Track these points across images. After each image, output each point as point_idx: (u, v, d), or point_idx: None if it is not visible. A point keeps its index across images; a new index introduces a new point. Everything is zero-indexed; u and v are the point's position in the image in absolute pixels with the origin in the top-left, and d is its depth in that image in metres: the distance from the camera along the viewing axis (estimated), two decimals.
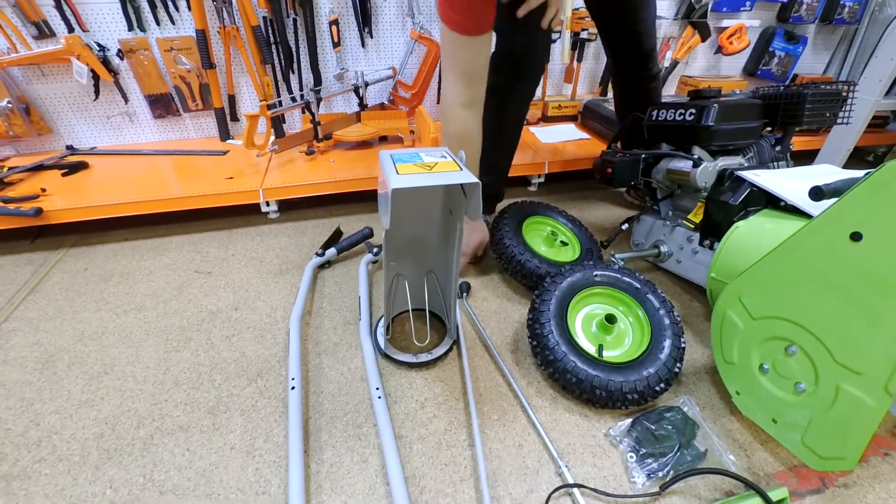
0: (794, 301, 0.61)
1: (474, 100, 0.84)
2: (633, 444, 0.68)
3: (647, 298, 0.81)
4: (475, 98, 0.84)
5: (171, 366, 0.84)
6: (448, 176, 0.45)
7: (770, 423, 0.67)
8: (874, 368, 0.53)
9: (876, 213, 0.51)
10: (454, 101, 0.83)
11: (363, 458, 0.68)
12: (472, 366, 0.83)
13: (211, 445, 0.70)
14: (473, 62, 0.80)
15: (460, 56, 0.79)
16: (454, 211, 0.62)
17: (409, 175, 0.45)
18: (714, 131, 0.88)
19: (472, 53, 0.79)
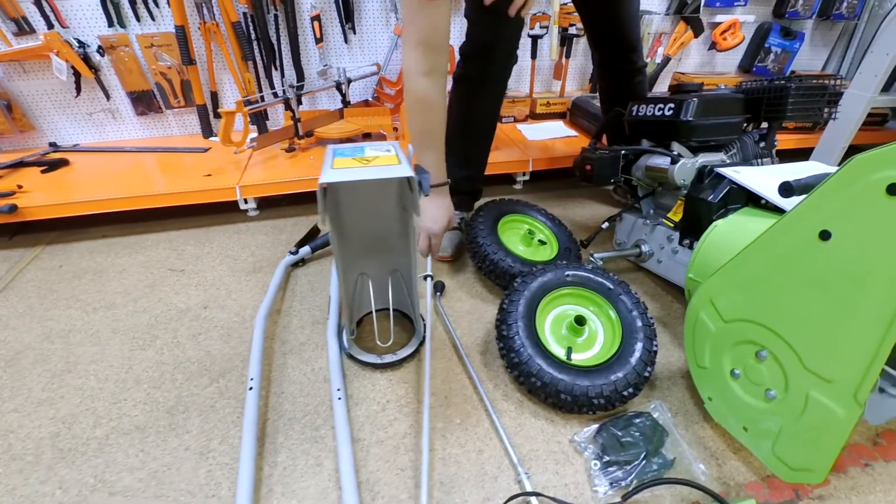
0: (764, 304, 0.58)
1: (434, 67, 0.81)
2: (597, 451, 0.66)
3: (619, 299, 0.78)
4: (435, 66, 0.81)
5: (135, 364, 0.83)
6: (382, 170, 0.43)
7: (741, 432, 0.65)
8: (844, 376, 0.50)
9: (844, 210, 0.48)
10: (414, 69, 0.80)
11: (318, 462, 0.66)
12: (440, 367, 0.81)
13: (165, 446, 0.68)
14: (433, 27, 0.78)
15: (419, 21, 0.77)
16: (407, 207, 0.60)
17: (343, 170, 0.43)
18: (693, 126, 0.85)
19: (431, 18, 0.76)
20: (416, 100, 0.83)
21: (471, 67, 0.92)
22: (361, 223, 0.66)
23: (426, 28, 0.77)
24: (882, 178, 0.44)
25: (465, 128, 0.99)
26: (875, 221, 0.45)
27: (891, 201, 0.43)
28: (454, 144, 1.03)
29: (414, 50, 0.79)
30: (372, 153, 0.48)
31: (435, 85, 0.82)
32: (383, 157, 0.46)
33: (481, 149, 1.05)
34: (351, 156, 0.47)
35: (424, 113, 0.84)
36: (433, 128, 0.86)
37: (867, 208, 0.45)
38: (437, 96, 0.83)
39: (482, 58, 0.91)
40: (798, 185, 0.54)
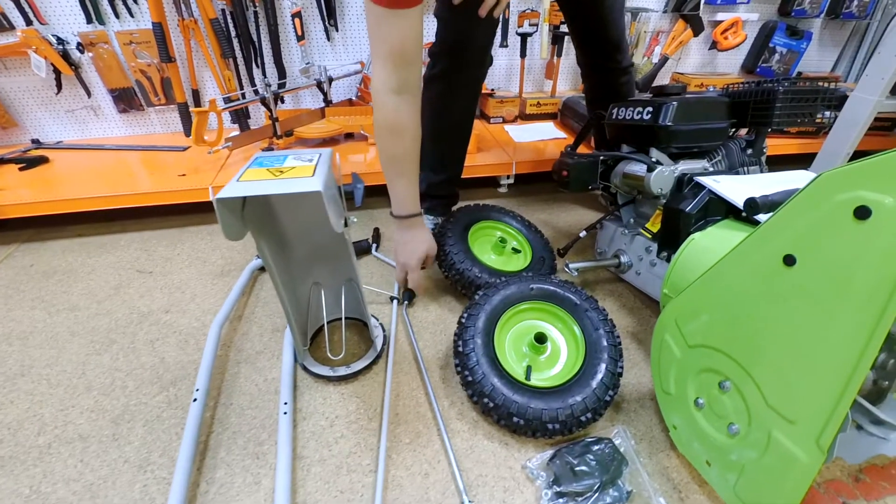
0: (727, 331, 0.54)
1: (406, 84, 0.74)
2: (549, 480, 0.62)
3: (585, 316, 0.74)
4: (407, 83, 0.74)
5: (88, 370, 0.81)
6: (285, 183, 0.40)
7: (704, 465, 0.60)
8: (807, 418, 0.45)
9: (809, 234, 0.43)
10: (383, 86, 0.73)
11: (256, 480, 0.63)
12: (396, 381, 0.77)
13: (106, 457, 0.66)
14: (403, 40, 0.70)
15: (387, 33, 0.70)
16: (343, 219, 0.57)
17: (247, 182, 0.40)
18: (673, 132, 0.80)
19: (401, 29, 0.70)
20: (385, 122, 0.76)
21: (441, 68, 0.88)
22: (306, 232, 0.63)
23: (395, 40, 0.70)
24: (849, 200, 0.39)
25: (437, 130, 0.95)
26: (842, 248, 0.40)
27: (858, 227, 0.38)
28: (427, 147, 0.99)
29: (382, 65, 0.72)
30: (291, 163, 0.45)
31: (406, 104, 0.76)
32: (300, 168, 0.43)
33: (456, 152, 1.00)
34: (268, 166, 0.44)
35: (394, 137, 0.77)
36: (403, 153, 0.79)
37: (834, 233, 0.41)
38: (408, 117, 0.77)
39: (452, 58, 0.87)
40: (764, 202, 0.49)
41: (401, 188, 0.82)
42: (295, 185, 0.40)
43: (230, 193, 0.39)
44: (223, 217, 0.41)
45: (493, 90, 1.53)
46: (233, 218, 0.44)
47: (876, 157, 0.38)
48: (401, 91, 0.74)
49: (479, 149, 1.33)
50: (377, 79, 0.74)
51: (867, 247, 0.38)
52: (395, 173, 0.81)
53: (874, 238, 0.37)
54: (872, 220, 0.37)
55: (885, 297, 0.37)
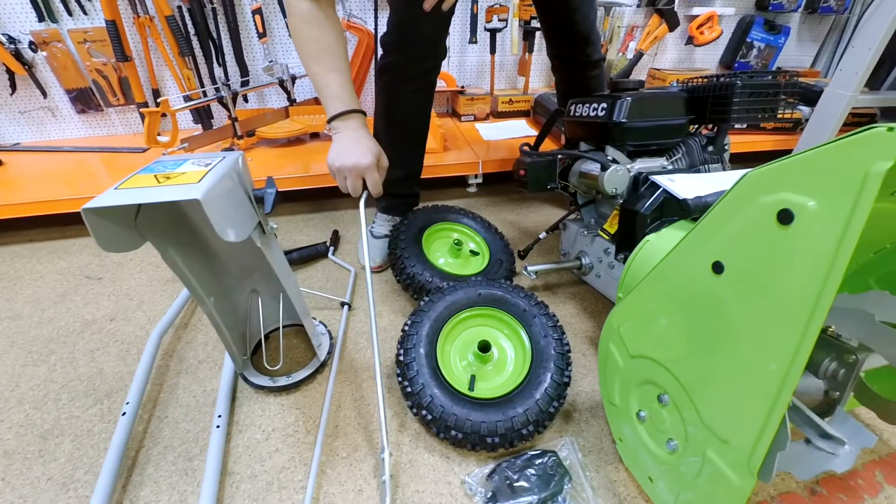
0: (664, 342, 0.51)
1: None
2: (487, 496, 0.59)
3: (534, 322, 0.71)
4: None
5: (22, 382, 0.78)
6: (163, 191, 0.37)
7: (647, 481, 0.57)
8: (738, 438, 0.42)
9: (736, 239, 0.40)
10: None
11: (182, 498, 0.60)
12: (340, 392, 0.75)
13: (29, 475, 0.63)
14: None
15: None
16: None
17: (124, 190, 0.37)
18: (627, 129, 0.77)
19: None
20: (302, 20, 0.69)
21: (390, 59, 0.85)
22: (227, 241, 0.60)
23: None
24: (773, 202, 0.36)
25: (389, 122, 0.92)
26: (766, 257, 0.37)
27: (782, 232, 0.35)
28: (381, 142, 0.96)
29: None
30: (186, 168, 0.41)
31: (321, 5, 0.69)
32: (190, 174, 0.40)
33: (412, 149, 0.97)
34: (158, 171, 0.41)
35: (313, 29, 0.69)
36: (327, 45, 0.70)
37: (758, 239, 0.38)
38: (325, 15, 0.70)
39: (401, 49, 0.84)
40: (696, 204, 0.46)
41: (334, 83, 0.72)
42: (173, 192, 0.37)
43: (98, 203, 0.36)
44: (95, 227, 0.38)
45: (463, 87, 1.50)
46: (114, 228, 0.40)
47: (800, 154, 0.35)
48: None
49: (446, 147, 1.30)
50: None
51: (791, 255, 0.35)
52: (325, 68, 0.72)
53: (797, 245, 0.34)
54: (795, 226, 0.34)
55: (808, 310, 0.34)
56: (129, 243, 0.42)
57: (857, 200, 0.29)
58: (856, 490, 0.63)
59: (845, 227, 0.30)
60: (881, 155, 0.27)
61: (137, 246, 0.43)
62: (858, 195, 0.28)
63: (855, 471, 0.66)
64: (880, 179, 0.27)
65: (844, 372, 0.53)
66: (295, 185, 1.16)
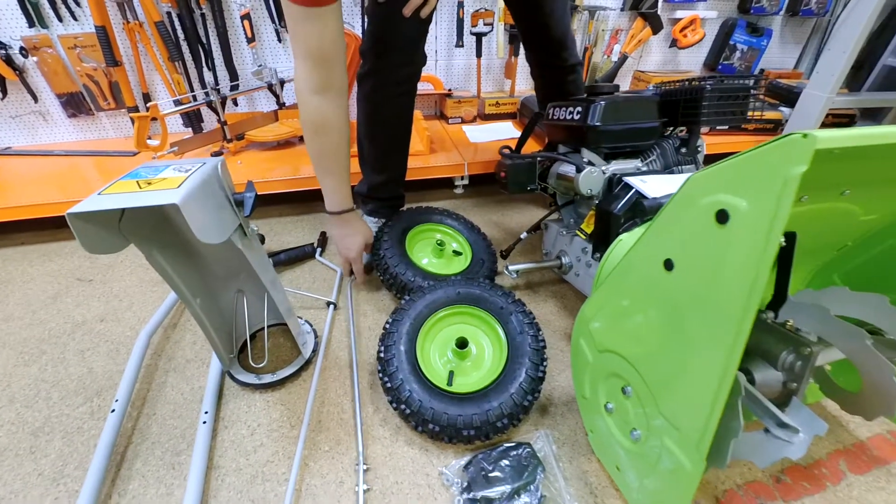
0: (626, 336, 0.54)
1: (328, 84, 0.74)
2: (463, 486, 0.61)
3: (510, 319, 0.73)
4: (329, 82, 0.74)
5: (14, 381, 0.79)
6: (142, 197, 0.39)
7: (615, 470, 0.60)
8: (689, 425, 0.44)
9: (682, 238, 0.43)
10: (305, 86, 0.74)
11: (169, 491, 0.62)
12: (324, 388, 0.77)
13: (20, 470, 0.65)
14: (321, 39, 0.70)
15: (305, 32, 0.69)
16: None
17: (106, 196, 0.39)
18: (601, 132, 0.80)
19: (318, 28, 0.69)
20: (311, 121, 0.77)
21: (369, 66, 0.87)
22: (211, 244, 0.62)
23: (313, 39, 0.70)
24: (712, 204, 0.38)
25: (372, 128, 0.94)
26: (708, 253, 0.40)
27: (720, 231, 0.38)
28: (365, 147, 0.98)
29: (303, 64, 0.73)
30: (167, 174, 0.43)
31: (329, 102, 0.76)
32: (170, 180, 0.42)
33: (396, 153, 0.99)
34: (140, 177, 0.43)
35: (320, 135, 0.79)
36: (330, 150, 0.81)
37: (701, 238, 0.40)
38: (332, 115, 0.77)
39: (379, 56, 0.86)
40: (651, 205, 0.49)
41: (330, 186, 0.85)
42: (153, 197, 0.39)
43: (81, 208, 0.38)
44: (79, 231, 0.40)
45: (450, 90, 1.52)
46: (98, 231, 0.43)
47: (733, 157, 0.37)
48: (323, 90, 0.75)
49: (432, 150, 1.32)
50: (299, 78, 0.75)
51: (727, 252, 0.37)
52: (324, 171, 0.84)
53: (733, 243, 0.36)
54: (730, 225, 0.37)
55: (742, 302, 0.36)
56: (113, 245, 0.44)
57: (779, 201, 0.31)
58: (819, 479, 0.66)
59: (770, 226, 0.32)
60: (797, 160, 0.30)
61: (121, 248, 0.46)
62: (780, 197, 0.31)
63: (819, 460, 0.69)
64: (797, 182, 0.30)
65: (801, 364, 0.56)
66: (284, 188, 1.18)
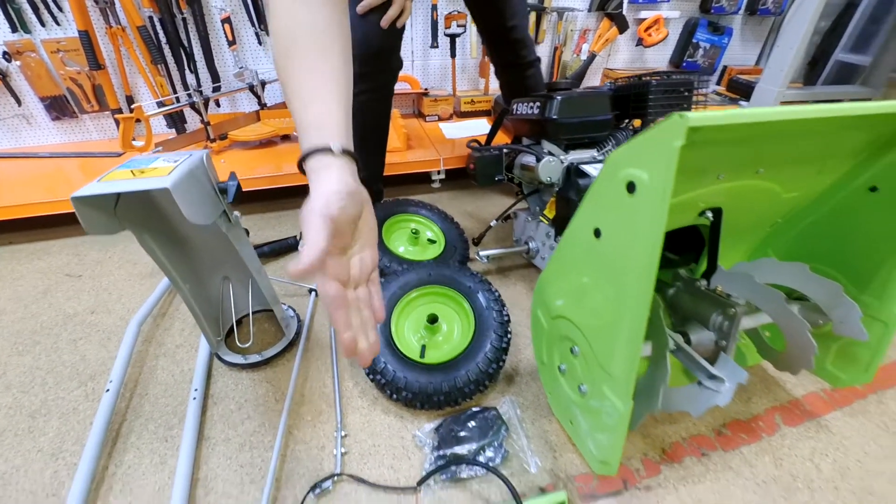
0: (570, 298, 0.60)
1: None
2: (434, 445, 0.68)
3: (477, 297, 0.80)
4: None
5: (9, 370, 0.83)
6: (136, 183, 0.44)
7: (569, 424, 0.67)
8: (619, 370, 0.51)
9: (606, 207, 0.50)
10: None
11: (163, 460, 0.67)
12: (306, 366, 0.82)
13: (20, 448, 0.70)
14: None
15: None
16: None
17: (105, 182, 0.45)
18: (559, 124, 0.87)
19: None
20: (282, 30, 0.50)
21: None
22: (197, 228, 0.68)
23: None
24: (624, 176, 0.45)
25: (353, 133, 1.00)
26: (623, 220, 0.47)
27: (630, 200, 0.45)
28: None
29: None
30: (157, 164, 0.49)
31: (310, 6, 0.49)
32: (161, 169, 0.47)
33: (375, 152, 1.05)
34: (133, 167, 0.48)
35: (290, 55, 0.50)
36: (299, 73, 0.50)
37: (618, 206, 0.47)
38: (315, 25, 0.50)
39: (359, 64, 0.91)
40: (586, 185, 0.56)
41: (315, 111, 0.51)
42: (147, 183, 0.44)
43: (83, 193, 0.44)
44: (81, 213, 0.45)
45: (427, 89, 1.59)
46: (97, 214, 0.48)
47: (637, 136, 0.44)
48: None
49: (410, 146, 1.38)
50: None
51: (636, 217, 0.44)
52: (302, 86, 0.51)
53: (639, 209, 0.43)
54: (637, 194, 0.43)
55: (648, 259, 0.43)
56: (109, 228, 0.50)
57: (667, 170, 0.38)
58: (756, 431, 0.74)
59: (663, 192, 0.39)
60: (677, 136, 0.37)
61: (118, 231, 0.51)
62: (667, 167, 0.38)
63: (757, 416, 0.77)
64: (676, 154, 0.37)
65: (728, 323, 0.64)
66: (267, 184, 1.24)
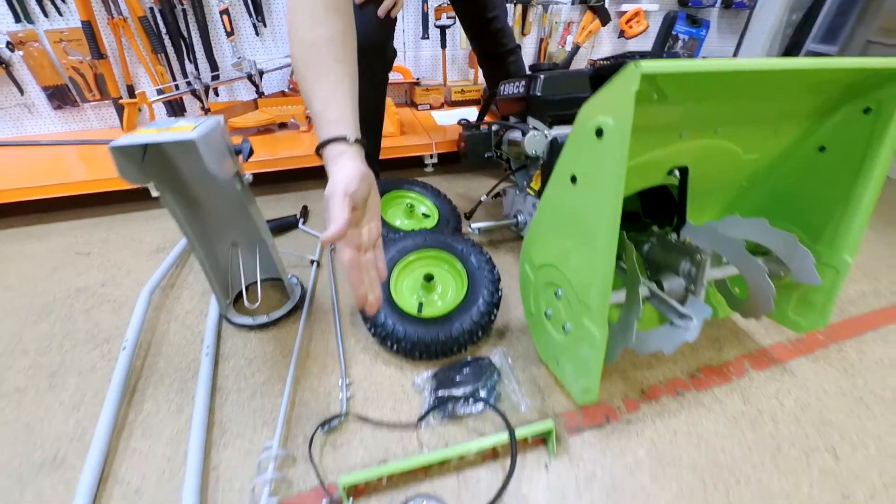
0: (553, 245, 0.67)
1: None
2: (432, 389, 0.74)
3: (469, 259, 0.86)
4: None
5: (25, 336, 0.88)
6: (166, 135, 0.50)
7: (555, 365, 0.73)
8: (595, 301, 0.58)
9: (580, 154, 0.56)
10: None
11: (179, 408, 0.72)
12: (310, 328, 0.88)
13: (42, 402, 0.74)
14: None
15: None
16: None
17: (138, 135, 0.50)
18: (543, 101, 0.93)
19: None
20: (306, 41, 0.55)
21: None
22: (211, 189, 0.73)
23: None
24: (594, 124, 0.52)
25: None
26: (594, 163, 0.53)
27: (598, 144, 0.51)
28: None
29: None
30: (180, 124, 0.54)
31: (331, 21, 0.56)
32: (184, 127, 0.53)
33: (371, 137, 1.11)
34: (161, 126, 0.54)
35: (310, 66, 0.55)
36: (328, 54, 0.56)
37: (589, 151, 0.53)
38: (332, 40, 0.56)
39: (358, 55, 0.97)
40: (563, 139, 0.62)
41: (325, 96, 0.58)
42: (175, 136, 0.50)
43: (120, 143, 0.49)
44: (118, 162, 0.51)
45: (418, 79, 1.65)
46: (130, 165, 0.53)
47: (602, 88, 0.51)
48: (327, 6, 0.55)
49: (403, 132, 1.45)
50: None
51: (604, 158, 0.51)
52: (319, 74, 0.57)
53: (606, 151, 0.50)
54: (604, 138, 0.50)
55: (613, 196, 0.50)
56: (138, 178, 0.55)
57: (627, 113, 0.45)
58: (727, 374, 0.81)
59: (625, 133, 0.46)
60: (633, 82, 0.43)
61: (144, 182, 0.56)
62: (627, 110, 0.45)
63: (728, 362, 0.84)
64: (633, 96, 0.44)
65: (696, 270, 0.71)
66: (265, 168, 1.29)
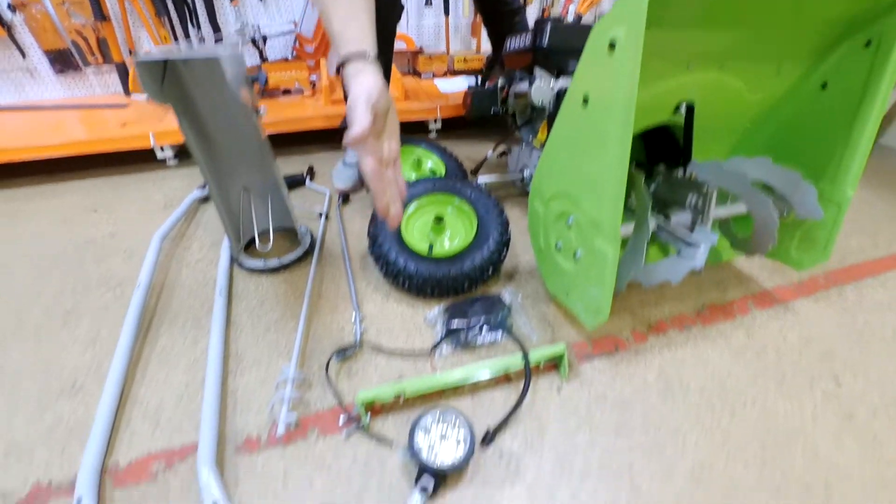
0: (563, 173, 0.68)
1: None
2: (444, 322, 0.75)
3: (478, 202, 0.87)
4: None
5: (38, 282, 0.88)
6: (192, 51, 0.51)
7: (566, 296, 0.75)
8: (607, 220, 0.59)
9: (592, 73, 0.57)
10: None
11: (195, 341, 0.73)
12: (321, 273, 0.89)
13: (57, 339, 0.75)
14: None
15: None
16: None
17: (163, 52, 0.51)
18: (549, 50, 0.95)
19: None
20: None
21: None
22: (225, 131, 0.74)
23: None
24: (607, 37, 0.53)
25: None
26: (606, 77, 0.54)
27: (611, 57, 0.52)
28: None
29: None
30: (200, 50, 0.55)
31: None
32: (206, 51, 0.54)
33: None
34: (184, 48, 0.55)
35: None
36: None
37: (602, 68, 0.54)
38: None
39: None
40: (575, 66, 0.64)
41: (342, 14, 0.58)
42: (200, 52, 0.51)
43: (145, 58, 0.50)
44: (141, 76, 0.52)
45: (421, 48, 1.66)
46: (150, 81, 0.54)
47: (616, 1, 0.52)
48: None
49: (407, 97, 1.45)
50: None
51: (617, 72, 0.52)
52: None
53: (619, 64, 0.51)
54: (617, 50, 0.51)
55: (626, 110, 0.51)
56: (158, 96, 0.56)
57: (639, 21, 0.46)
58: (731, 312, 0.83)
59: (637, 44, 0.47)
60: None
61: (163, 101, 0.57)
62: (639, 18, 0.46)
63: (733, 301, 0.85)
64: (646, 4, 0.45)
65: (701, 201, 0.73)
66: (270, 130, 1.29)
